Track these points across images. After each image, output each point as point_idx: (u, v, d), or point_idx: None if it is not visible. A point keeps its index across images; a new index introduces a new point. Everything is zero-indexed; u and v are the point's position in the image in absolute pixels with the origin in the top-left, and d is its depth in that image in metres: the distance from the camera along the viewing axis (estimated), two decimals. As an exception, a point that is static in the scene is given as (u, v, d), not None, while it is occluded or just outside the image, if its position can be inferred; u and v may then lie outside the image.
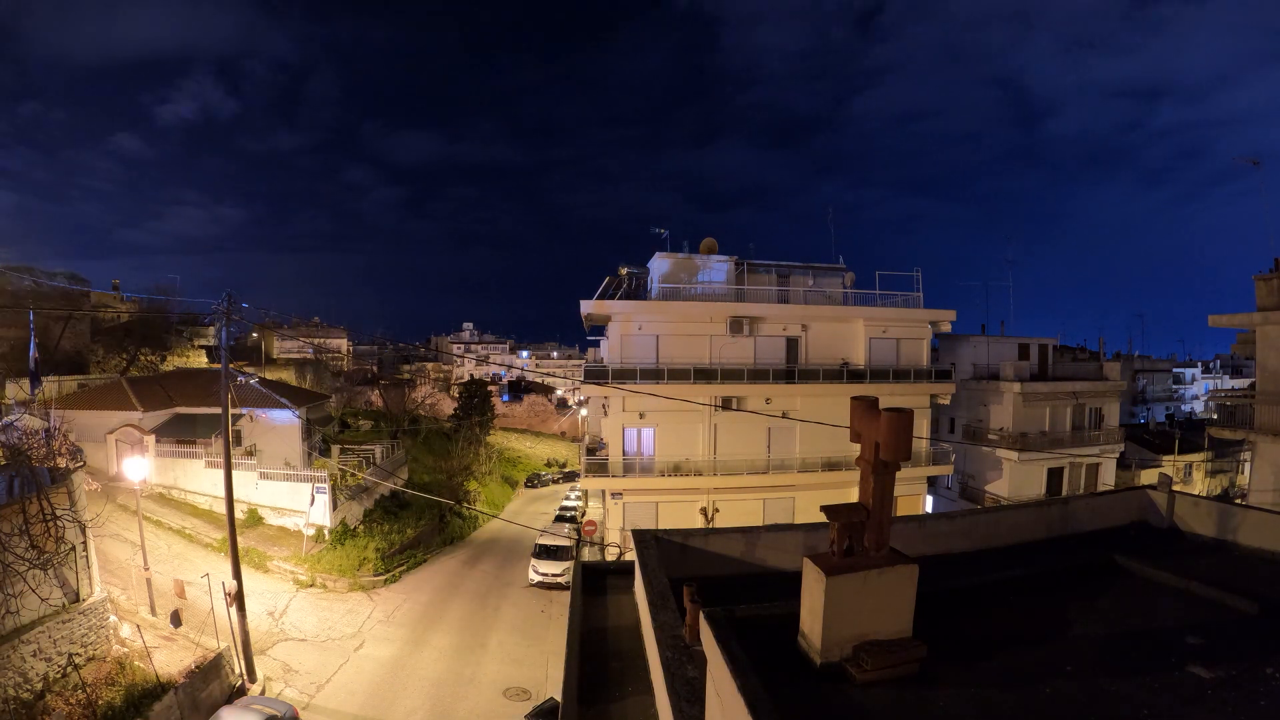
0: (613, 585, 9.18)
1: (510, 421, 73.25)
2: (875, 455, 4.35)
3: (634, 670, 6.73)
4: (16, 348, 28.15)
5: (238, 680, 16.12)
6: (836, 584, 4.17)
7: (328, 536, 25.43)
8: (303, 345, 52.13)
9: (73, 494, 14.65)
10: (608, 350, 25.30)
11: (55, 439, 16.05)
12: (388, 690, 17.52)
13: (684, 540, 8.31)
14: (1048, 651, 4.84)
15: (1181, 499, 9.47)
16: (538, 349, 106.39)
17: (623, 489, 23.99)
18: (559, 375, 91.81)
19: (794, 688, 4.07)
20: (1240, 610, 5.54)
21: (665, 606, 6.30)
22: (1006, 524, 9.21)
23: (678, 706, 4.69)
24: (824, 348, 25.77)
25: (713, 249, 27.05)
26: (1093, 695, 4.21)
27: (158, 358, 37.41)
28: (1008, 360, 29.49)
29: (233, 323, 17.67)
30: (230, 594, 16.49)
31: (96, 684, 13.23)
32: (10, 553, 12.54)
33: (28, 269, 31.59)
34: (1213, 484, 35.80)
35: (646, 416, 24.05)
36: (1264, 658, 4.62)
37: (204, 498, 25.76)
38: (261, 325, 44.85)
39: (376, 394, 52.94)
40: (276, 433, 28.31)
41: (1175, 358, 59.50)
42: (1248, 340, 18.96)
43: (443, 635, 21.32)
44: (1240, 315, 17.35)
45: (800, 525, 8.95)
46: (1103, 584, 6.32)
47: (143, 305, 38.85)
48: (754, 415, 23.05)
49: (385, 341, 62.42)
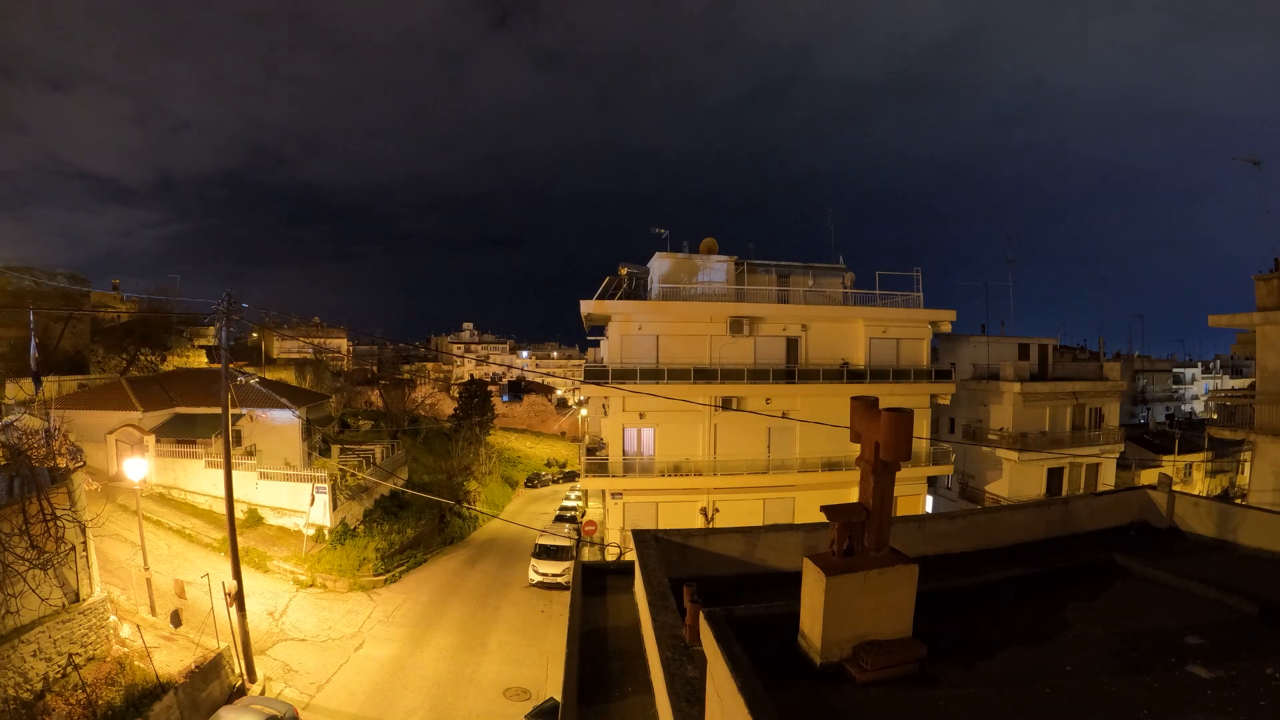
0: (613, 585, 9.18)
1: (510, 421, 73.31)
2: (875, 455, 4.34)
3: (634, 670, 6.73)
4: (16, 348, 28.17)
5: (238, 680, 16.12)
6: (836, 584, 4.17)
7: (328, 536, 25.44)
8: (303, 345, 52.12)
9: (73, 494, 14.65)
10: (608, 350, 25.30)
11: (55, 439, 16.03)
12: (388, 690, 17.52)
13: (684, 540, 8.31)
14: (1048, 651, 4.83)
15: (1181, 499, 9.48)
16: (538, 349, 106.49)
17: (623, 489, 24.00)
18: (559, 375, 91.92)
19: (794, 688, 4.07)
20: (1240, 610, 5.54)
21: (665, 606, 6.30)
22: (1006, 524, 9.21)
23: (678, 706, 4.70)
24: (824, 348, 25.78)
25: (713, 249, 27.06)
26: (1093, 695, 4.21)
27: (158, 358, 37.41)
28: (1008, 360, 29.50)
29: (233, 323, 17.68)
30: (230, 594, 16.49)
31: (96, 684, 13.23)
32: (10, 553, 12.53)
33: (28, 269, 31.59)
34: (1213, 484, 35.80)
35: (646, 416, 24.05)
36: (1264, 658, 4.61)
37: (204, 498, 25.77)
38: (261, 325, 44.85)
39: (376, 394, 52.94)
40: (276, 433, 28.32)
41: (1175, 358, 59.51)
42: (1248, 340, 18.97)
43: (443, 635, 21.32)
44: (1240, 315, 17.35)
45: (800, 525, 8.95)
46: (1103, 584, 6.32)
47: (143, 305, 38.84)
48: (754, 415, 23.05)
49: (385, 341, 62.42)
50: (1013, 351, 30.38)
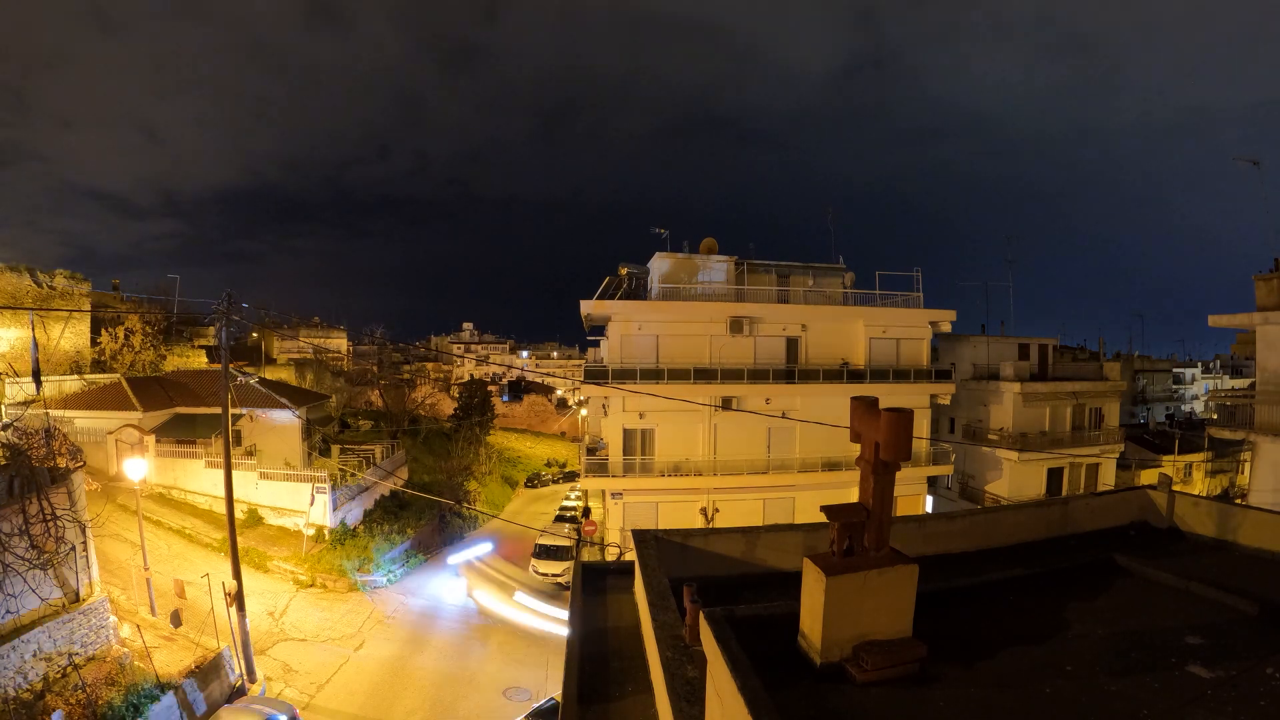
0: (613, 585, 9.17)
1: (510, 421, 73.26)
2: (875, 455, 4.35)
3: (634, 670, 6.73)
4: (16, 347, 28.17)
5: (238, 680, 16.12)
6: (836, 584, 4.17)
7: (328, 536, 25.43)
8: (303, 345, 52.09)
9: (73, 494, 14.65)
10: (608, 350, 25.29)
11: (55, 439, 16.03)
12: (388, 690, 17.52)
13: (684, 540, 8.31)
14: (1048, 651, 4.84)
15: (1181, 499, 9.47)
16: (537, 349, 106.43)
17: (623, 489, 23.99)
18: (559, 375, 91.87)
19: (794, 688, 4.07)
20: (1240, 610, 5.54)
21: (665, 606, 6.30)
22: (1006, 524, 9.20)
23: (678, 706, 4.70)
24: (824, 348, 25.77)
25: (713, 249, 27.05)
26: (1093, 695, 4.22)
27: (158, 358, 37.38)
28: (1008, 360, 29.49)
29: (232, 323, 17.68)
30: (230, 594, 16.49)
31: (96, 684, 13.23)
32: (10, 553, 12.54)
33: (28, 269, 31.57)
34: (1213, 484, 35.79)
35: (646, 416, 24.04)
36: (1264, 658, 4.62)
37: (204, 498, 25.77)
38: (261, 325, 44.86)
39: (376, 394, 52.92)
40: (276, 433, 28.32)
41: (1175, 358, 59.46)
42: (1248, 340, 18.98)
43: (443, 635, 21.33)
44: (1240, 315, 17.36)
45: (800, 525, 8.94)
46: (1103, 584, 6.32)
47: (142, 305, 38.83)
48: (754, 415, 23.03)
49: (385, 342, 62.23)
50: (1013, 351, 30.37)
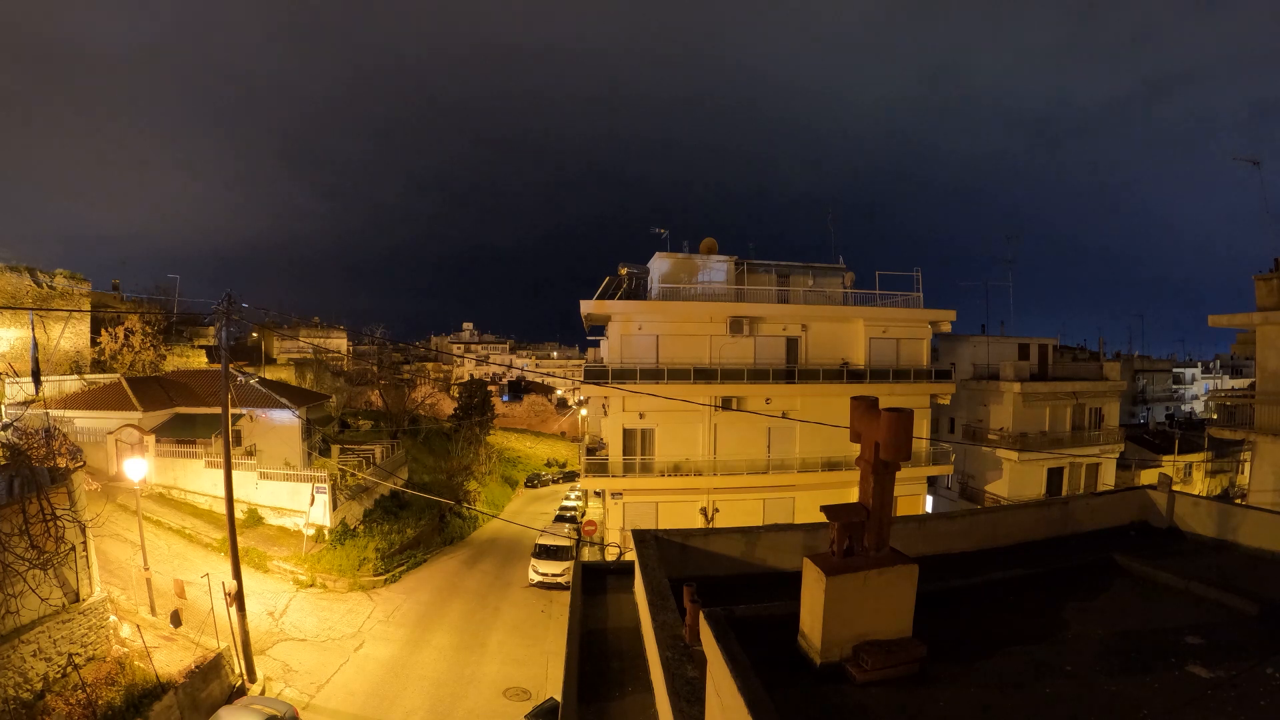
0: (613, 585, 9.17)
1: (510, 421, 73.31)
2: (875, 455, 4.35)
3: (634, 670, 6.72)
4: (16, 348, 28.17)
5: (238, 680, 16.12)
6: (836, 584, 4.17)
7: (328, 536, 25.44)
8: (303, 345, 52.10)
9: (73, 494, 14.64)
10: (607, 350, 25.30)
11: (55, 439, 16.04)
12: (388, 690, 17.52)
13: (684, 540, 8.30)
14: (1047, 651, 4.84)
15: (1181, 499, 9.47)
16: (538, 349, 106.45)
17: (623, 489, 23.99)
18: (559, 375, 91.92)
19: (794, 688, 4.07)
20: (1240, 610, 5.54)
21: (665, 606, 6.30)
22: (1006, 524, 9.20)
23: (678, 706, 4.69)
24: (824, 348, 25.77)
25: (713, 249, 27.06)
26: (1092, 695, 4.22)
27: (158, 358, 37.38)
28: (1008, 360, 29.50)
29: (232, 323, 17.68)
30: (230, 594, 16.49)
31: (96, 684, 13.23)
32: (10, 553, 12.53)
33: (28, 269, 31.57)
34: (1213, 484, 35.80)
35: (646, 416, 24.05)
36: (1264, 658, 4.61)
37: (204, 498, 25.76)
38: (261, 325, 44.86)
39: (376, 394, 52.93)
40: (276, 433, 28.32)
41: (1175, 358, 59.46)
42: (1248, 340, 18.96)
43: (443, 635, 21.32)
44: (1240, 315, 17.36)
45: (800, 525, 8.94)
46: (1103, 584, 6.32)
47: (142, 305, 38.83)
48: (754, 415, 23.04)
49: (385, 342, 62.23)
50: (1013, 351, 30.37)
